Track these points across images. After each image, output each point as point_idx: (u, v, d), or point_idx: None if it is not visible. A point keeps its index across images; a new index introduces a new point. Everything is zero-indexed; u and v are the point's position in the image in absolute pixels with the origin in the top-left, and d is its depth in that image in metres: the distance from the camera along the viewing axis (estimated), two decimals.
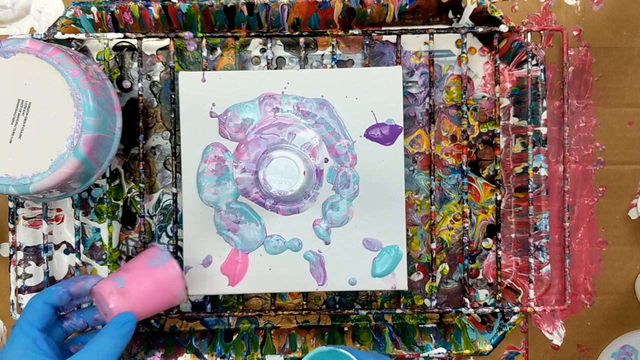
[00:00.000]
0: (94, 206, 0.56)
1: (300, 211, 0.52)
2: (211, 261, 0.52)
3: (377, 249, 0.52)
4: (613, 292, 0.58)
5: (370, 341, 0.56)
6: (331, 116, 0.52)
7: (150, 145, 0.56)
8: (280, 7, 0.54)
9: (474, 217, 0.57)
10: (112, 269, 0.56)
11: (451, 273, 0.57)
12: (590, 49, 0.57)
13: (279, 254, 0.52)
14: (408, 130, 0.56)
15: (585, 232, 0.58)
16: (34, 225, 0.55)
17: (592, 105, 0.57)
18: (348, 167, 0.52)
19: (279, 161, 0.49)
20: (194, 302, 0.57)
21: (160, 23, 0.55)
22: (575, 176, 0.57)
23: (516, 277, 0.56)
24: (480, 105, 0.57)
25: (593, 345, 0.58)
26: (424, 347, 0.55)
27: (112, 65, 0.56)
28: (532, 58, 0.54)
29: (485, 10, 0.54)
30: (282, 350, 0.55)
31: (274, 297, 0.55)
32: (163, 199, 0.57)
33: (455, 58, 0.57)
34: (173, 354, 0.55)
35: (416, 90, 0.56)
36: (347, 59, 0.57)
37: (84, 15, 0.54)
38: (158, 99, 0.57)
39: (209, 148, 0.52)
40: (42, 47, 0.45)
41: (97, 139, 0.46)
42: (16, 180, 0.44)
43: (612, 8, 0.57)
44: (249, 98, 0.52)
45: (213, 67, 0.56)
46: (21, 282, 0.54)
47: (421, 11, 0.55)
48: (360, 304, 0.57)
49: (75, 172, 0.45)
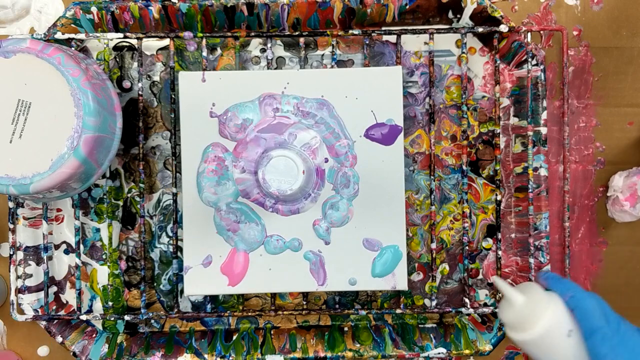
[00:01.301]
0: (94, 206, 0.56)
1: (301, 211, 0.52)
2: (211, 261, 0.52)
3: (377, 249, 0.52)
4: (613, 292, 0.58)
5: (370, 341, 0.56)
6: (331, 116, 0.52)
7: (150, 145, 0.56)
8: (280, 7, 0.54)
9: (474, 217, 0.57)
10: (112, 269, 0.56)
11: (451, 273, 0.57)
12: (590, 49, 0.57)
13: (279, 254, 0.52)
14: (408, 130, 0.56)
15: (585, 232, 0.58)
16: (34, 225, 0.55)
17: (592, 105, 0.57)
18: (348, 167, 0.52)
19: (278, 160, 0.49)
20: (194, 302, 0.57)
21: (160, 23, 0.55)
22: (575, 176, 0.57)
23: (516, 277, 0.56)
24: (480, 105, 0.57)
25: None
26: (424, 347, 0.55)
27: (112, 65, 0.56)
28: (532, 58, 0.54)
29: (485, 10, 0.54)
30: (282, 350, 0.55)
31: (274, 297, 0.55)
32: (163, 199, 0.57)
33: (455, 58, 0.57)
34: (173, 354, 0.55)
35: (416, 90, 0.56)
36: (347, 59, 0.57)
37: (84, 15, 0.54)
38: (158, 99, 0.57)
39: (209, 148, 0.52)
40: (43, 47, 0.45)
41: (97, 139, 0.46)
42: (16, 180, 0.44)
43: (612, 8, 0.57)
44: (249, 98, 0.52)
45: (213, 67, 0.56)
46: (21, 282, 0.54)
47: (421, 11, 0.55)
48: (360, 304, 0.57)
49: (76, 172, 0.45)
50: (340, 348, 0.55)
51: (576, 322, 0.40)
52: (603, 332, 0.38)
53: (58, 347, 0.57)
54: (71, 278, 0.57)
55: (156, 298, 0.57)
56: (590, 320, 0.39)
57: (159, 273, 0.57)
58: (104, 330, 0.57)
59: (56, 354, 0.57)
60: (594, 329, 0.38)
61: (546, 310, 0.41)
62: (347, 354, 0.55)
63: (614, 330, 0.38)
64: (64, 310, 0.56)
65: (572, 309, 0.41)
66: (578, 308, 0.40)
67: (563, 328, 0.40)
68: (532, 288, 0.44)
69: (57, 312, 0.55)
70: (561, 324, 0.40)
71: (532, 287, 0.44)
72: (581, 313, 0.39)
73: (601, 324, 0.38)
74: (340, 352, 0.55)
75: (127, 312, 0.56)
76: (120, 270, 0.57)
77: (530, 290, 0.43)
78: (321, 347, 0.55)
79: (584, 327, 0.39)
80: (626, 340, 0.38)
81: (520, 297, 0.43)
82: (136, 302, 0.57)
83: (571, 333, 0.39)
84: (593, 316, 0.39)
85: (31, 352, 0.57)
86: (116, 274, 0.57)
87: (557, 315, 0.40)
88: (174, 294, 0.55)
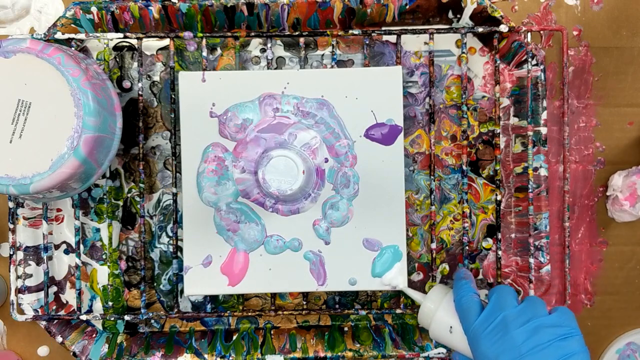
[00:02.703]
0: (94, 206, 0.56)
1: (301, 211, 0.52)
2: (211, 261, 0.52)
3: (377, 248, 0.52)
4: (613, 292, 0.58)
5: (370, 341, 0.56)
6: (331, 116, 0.52)
7: (150, 145, 0.56)
8: (280, 7, 0.54)
9: (474, 217, 0.57)
10: (112, 269, 0.56)
11: (451, 273, 0.57)
12: (590, 49, 0.57)
13: (279, 254, 0.52)
14: (408, 130, 0.56)
15: (585, 232, 0.58)
16: (34, 225, 0.55)
17: (592, 105, 0.57)
18: (348, 167, 0.52)
19: (278, 160, 0.49)
20: (194, 302, 0.57)
21: (160, 23, 0.55)
22: (575, 176, 0.57)
23: (516, 277, 0.56)
24: (480, 105, 0.57)
25: (593, 345, 0.58)
26: (424, 347, 0.55)
27: (112, 65, 0.56)
28: (532, 58, 0.54)
29: (485, 10, 0.54)
30: (282, 350, 0.55)
31: (274, 297, 0.55)
32: (163, 199, 0.57)
33: (455, 58, 0.57)
34: (173, 354, 0.55)
35: (416, 90, 0.56)
36: (347, 59, 0.57)
37: (84, 15, 0.54)
38: (158, 99, 0.57)
39: (209, 148, 0.52)
40: (43, 47, 0.45)
41: (97, 139, 0.46)
42: (16, 180, 0.44)
43: (612, 8, 0.57)
44: (249, 98, 0.52)
45: (213, 67, 0.56)
46: (21, 282, 0.54)
47: (421, 11, 0.55)
48: (360, 304, 0.57)
49: (76, 172, 0.45)
50: (340, 348, 0.55)
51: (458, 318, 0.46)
52: (473, 329, 0.44)
53: (58, 347, 0.57)
54: (71, 278, 0.57)
55: (156, 298, 0.57)
56: (467, 318, 0.45)
57: (159, 273, 0.57)
58: (104, 330, 0.57)
59: (56, 354, 0.57)
60: (467, 327, 0.44)
61: (435, 312, 0.47)
62: (347, 354, 0.55)
63: (480, 326, 0.43)
64: (64, 310, 0.56)
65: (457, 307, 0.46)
66: (458, 307, 0.46)
67: (445, 325, 0.47)
68: (434, 290, 0.49)
69: (57, 312, 0.55)
70: (443, 323, 0.47)
71: (435, 289, 0.49)
72: (460, 312, 0.46)
73: (472, 321, 0.44)
74: (340, 352, 0.55)
75: (127, 312, 0.56)
76: (120, 270, 0.57)
77: (433, 292, 0.49)
78: (321, 347, 0.55)
79: (463, 323, 0.45)
80: (487, 335, 0.43)
81: (424, 303, 0.49)
82: (136, 302, 0.57)
83: (452, 329, 0.46)
84: (469, 314, 0.45)
85: (31, 352, 0.57)
86: (116, 274, 0.57)
87: (439, 315, 0.47)
88: (174, 294, 0.55)
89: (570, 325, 0.42)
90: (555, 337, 0.40)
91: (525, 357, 0.40)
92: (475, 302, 0.45)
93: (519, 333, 0.41)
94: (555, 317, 0.42)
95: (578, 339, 0.41)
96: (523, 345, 0.40)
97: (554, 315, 0.42)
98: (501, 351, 0.41)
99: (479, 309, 0.45)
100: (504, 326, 0.42)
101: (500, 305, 0.43)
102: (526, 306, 0.43)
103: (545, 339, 0.40)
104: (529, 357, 0.40)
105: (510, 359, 0.40)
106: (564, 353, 0.40)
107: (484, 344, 0.42)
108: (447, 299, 0.48)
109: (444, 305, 0.47)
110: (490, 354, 0.41)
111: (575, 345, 0.41)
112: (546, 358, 0.40)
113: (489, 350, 0.42)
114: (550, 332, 0.41)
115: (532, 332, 0.41)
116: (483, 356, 0.42)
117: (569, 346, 0.40)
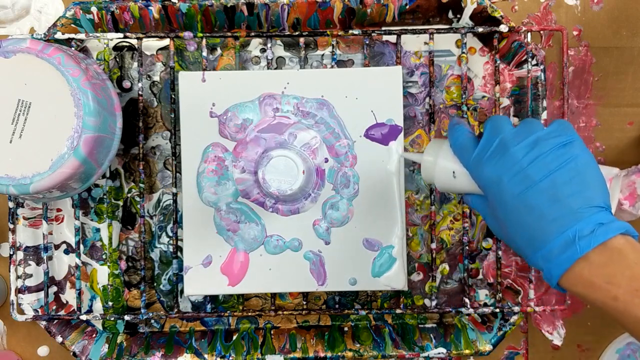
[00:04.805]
0: (94, 206, 0.56)
1: (301, 211, 0.52)
2: (211, 261, 0.52)
3: (377, 249, 0.52)
4: None
5: (370, 341, 0.56)
6: (331, 116, 0.52)
7: (150, 145, 0.56)
8: (280, 7, 0.54)
9: (474, 217, 0.57)
10: (112, 269, 0.56)
11: (451, 273, 0.57)
12: (590, 49, 0.57)
13: (279, 254, 0.52)
14: (408, 130, 0.56)
15: None
16: (34, 225, 0.55)
17: (592, 105, 0.57)
18: (348, 167, 0.52)
19: (278, 160, 0.49)
20: (194, 302, 0.57)
21: (160, 23, 0.55)
22: None
23: (516, 277, 0.56)
24: (480, 105, 0.57)
25: (593, 345, 0.58)
26: (424, 347, 0.55)
27: (112, 65, 0.56)
28: (532, 58, 0.54)
29: (485, 10, 0.54)
30: (282, 350, 0.55)
31: (274, 297, 0.55)
32: (163, 199, 0.57)
33: (455, 58, 0.57)
34: (173, 354, 0.55)
35: (416, 90, 0.56)
36: (347, 59, 0.57)
37: (84, 15, 0.54)
38: (158, 99, 0.57)
39: (209, 148, 0.52)
40: (43, 47, 0.45)
41: (97, 139, 0.46)
42: (16, 180, 0.44)
43: (612, 8, 0.57)
44: (249, 98, 0.52)
45: (213, 67, 0.56)
46: (21, 282, 0.54)
47: (421, 11, 0.55)
48: (360, 304, 0.57)
49: (76, 172, 0.45)
50: (340, 348, 0.55)
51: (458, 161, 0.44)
52: (473, 160, 0.42)
53: (58, 347, 0.57)
54: (71, 278, 0.57)
55: (156, 298, 0.57)
56: (466, 154, 0.43)
57: (159, 273, 0.57)
58: (104, 330, 0.57)
59: (56, 354, 0.57)
60: (467, 161, 0.43)
61: (436, 163, 0.45)
62: (347, 354, 0.55)
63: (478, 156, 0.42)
64: (64, 310, 0.56)
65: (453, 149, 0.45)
66: (455, 148, 0.44)
67: (447, 172, 0.45)
68: (430, 144, 0.47)
69: (57, 312, 0.55)
70: (445, 170, 0.45)
71: (431, 143, 0.47)
72: (459, 151, 0.44)
73: (471, 154, 0.42)
74: (340, 352, 0.55)
75: (127, 312, 0.56)
76: (120, 270, 0.57)
77: (429, 146, 0.47)
78: (321, 347, 0.55)
79: (462, 161, 0.43)
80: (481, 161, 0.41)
81: (423, 158, 0.47)
82: (136, 302, 0.57)
83: (455, 174, 0.44)
84: (467, 150, 0.43)
85: (31, 352, 0.57)
86: (116, 274, 0.57)
87: (440, 164, 0.45)
88: (174, 294, 0.55)
89: (568, 133, 0.40)
90: (555, 145, 0.39)
91: (528, 169, 0.38)
92: (471, 139, 0.43)
93: (518, 149, 0.39)
94: (552, 128, 0.40)
95: (578, 143, 0.40)
96: (524, 159, 0.39)
97: (550, 127, 0.41)
98: (503, 171, 0.39)
99: (476, 143, 0.42)
100: (503, 147, 0.40)
101: (496, 131, 0.41)
102: (522, 126, 0.41)
103: (545, 148, 0.39)
104: (531, 168, 0.38)
105: (512, 175, 0.39)
106: (566, 158, 0.38)
107: (484, 169, 0.40)
108: (444, 148, 0.46)
109: (442, 154, 0.45)
110: (492, 176, 0.40)
111: (577, 149, 0.39)
112: (548, 165, 0.38)
113: (491, 173, 0.40)
114: (549, 142, 0.39)
115: (532, 146, 0.39)
116: (486, 181, 0.40)
117: (570, 151, 0.39)
